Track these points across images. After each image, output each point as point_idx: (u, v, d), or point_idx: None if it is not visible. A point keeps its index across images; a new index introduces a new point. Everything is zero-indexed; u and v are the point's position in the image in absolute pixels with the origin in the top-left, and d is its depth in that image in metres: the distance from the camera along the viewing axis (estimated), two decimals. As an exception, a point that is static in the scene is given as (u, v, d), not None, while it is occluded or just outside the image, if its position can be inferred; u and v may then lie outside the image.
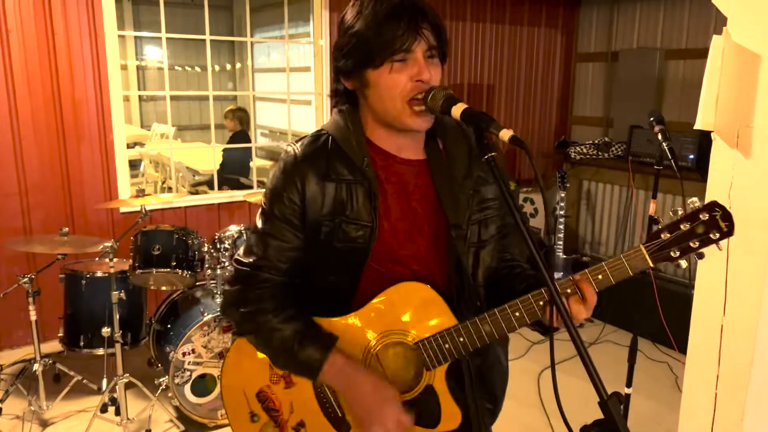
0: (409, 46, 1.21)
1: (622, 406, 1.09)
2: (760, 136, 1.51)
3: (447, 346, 1.27)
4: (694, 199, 1.16)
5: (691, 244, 1.15)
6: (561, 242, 4.66)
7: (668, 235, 1.16)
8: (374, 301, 1.29)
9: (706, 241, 1.15)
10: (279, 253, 1.32)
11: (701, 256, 1.17)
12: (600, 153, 5.17)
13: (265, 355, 1.38)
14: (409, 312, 1.29)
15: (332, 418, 1.35)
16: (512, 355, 3.87)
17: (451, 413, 1.31)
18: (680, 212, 1.17)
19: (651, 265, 1.19)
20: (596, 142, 5.25)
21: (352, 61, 1.26)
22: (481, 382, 1.38)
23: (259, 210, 1.37)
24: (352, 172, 1.29)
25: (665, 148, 2.15)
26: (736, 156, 1.56)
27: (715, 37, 1.56)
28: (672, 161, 2.11)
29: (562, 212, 4.64)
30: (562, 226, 4.65)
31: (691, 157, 4.35)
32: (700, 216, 1.14)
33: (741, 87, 1.53)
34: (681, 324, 2.08)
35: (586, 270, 1.21)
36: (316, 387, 1.36)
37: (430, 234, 1.34)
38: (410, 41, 1.21)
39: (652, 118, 2.25)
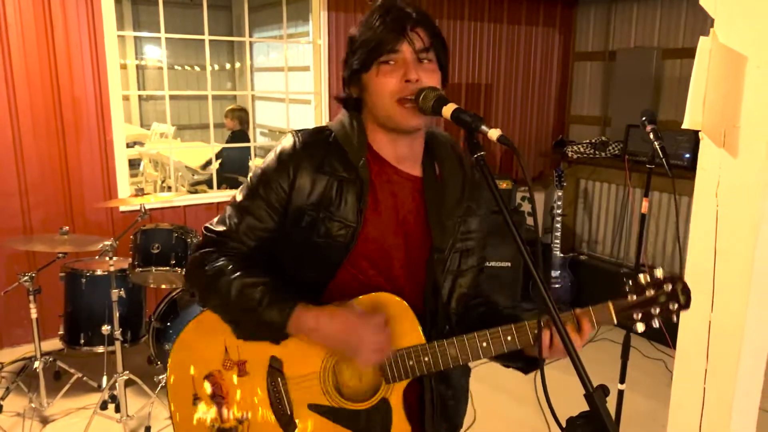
0: (393, 47, 1.24)
1: (607, 399, 1.12)
2: (747, 136, 1.54)
3: (411, 363, 1.27)
4: (660, 269, 1.26)
5: (652, 311, 1.24)
6: (558, 241, 4.69)
7: (634, 297, 1.25)
8: (346, 304, 1.28)
9: (665, 311, 1.24)
10: (250, 230, 1.32)
11: (655, 325, 1.26)
12: (597, 152, 5.19)
13: (222, 338, 1.34)
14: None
15: (280, 415, 1.34)
16: (509, 352, 3.90)
17: (401, 429, 1.31)
18: (649, 276, 1.25)
19: (615, 322, 1.26)
20: (593, 141, 5.27)
21: (351, 69, 1.30)
22: (443, 410, 1.39)
23: (244, 185, 1.37)
24: (347, 169, 1.30)
25: (657, 147, 2.18)
26: (723, 155, 1.59)
27: (702, 38, 1.59)
28: (663, 160, 2.14)
29: (559, 211, 4.66)
30: (559, 225, 4.67)
31: (687, 156, 4.38)
32: (664, 286, 1.24)
33: (728, 87, 1.56)
34: (676, 321, 2.10)
35: (566, 313, 1.26)
36: (269, 381, 1.34)
37: (411, 250, 1.35)
38: (394, 42, 1.24)
39: (644, 118, 2.28)
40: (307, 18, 5.21)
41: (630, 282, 1.27)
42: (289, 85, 5.07)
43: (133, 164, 7.48)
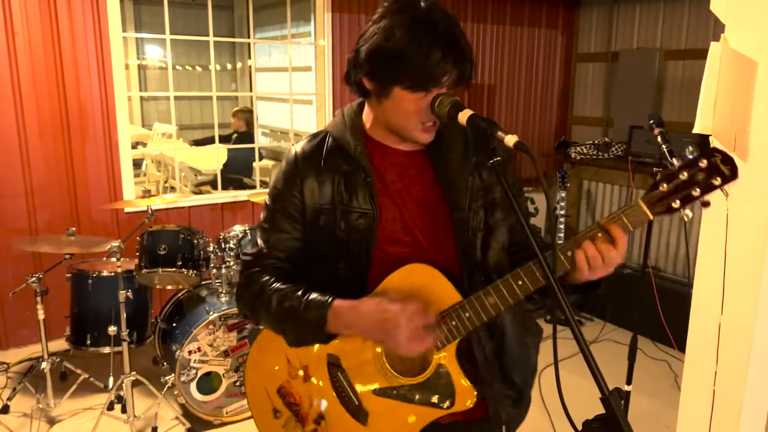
0: (439, 81, 1.25)
1: (622, 402, 1.12)
2: (757, 140, 1.55)
3: (453, 323, 1.28)
4: (691, 147, 1.12)
5: (693, 193, 1.11)
6: (561, 241, 4.68)
7: (666, 186, 1.12)
8: (381, 285, 1.32)
9: (709, 188, 1.10)
10: (279, 242, 1.40)
11: (706, 204, 1.12)
12: (600, 153, 5.20)
13: (283, 351, 1.41)
14: (415, 292, 1.29)
15: (350, 408, 1.38)
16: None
17: (464, 390, 1.31)
18: (677, 162, 1.12)
19: (651, 217, 1.15)
20: (596, 142, 5.29)
21: (384, 73, 1.27)
22: (497, 366, 1.38)
23: (264, 207, 1.45)
24: (348, 163, 1.35)
25: (665, 150, 2.19)
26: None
27: (713, 43, 1.60)
28: (670, 163, 2.14)
29: (562, 212, 4.68)
30: (562, 226, 4.68)
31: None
32: (699, 163, 1.10)
33: (738, 92, 1.57)
34: (680, 323, 2.11)
35: (583, 231, 1.21)
36: (332, 378, 1.38)
37: (433, 218, 1.37)
38: (441, 77, 1.25)
39: (651, 121, 2.29)
40: (309, 18, 5.22)
41: (658, 173, 1.14)
42: (292, 86, 5.07)
43: (136, 164, 7.48)
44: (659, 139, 2.21)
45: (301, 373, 1.41)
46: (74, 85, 3.88)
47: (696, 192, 1.11)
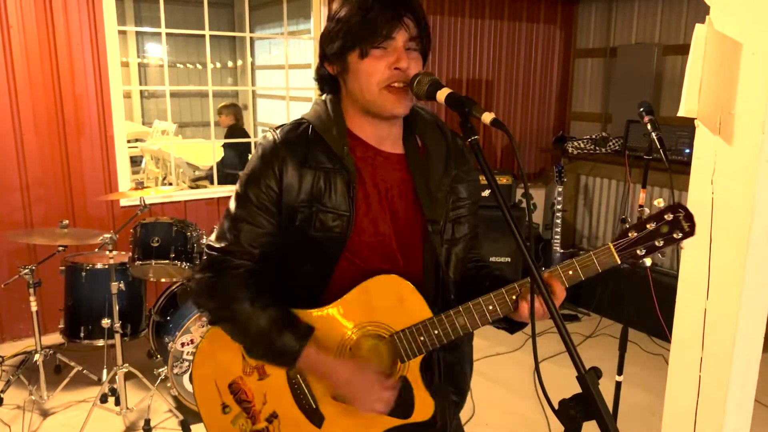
0: (389, 32, 1.23)
1: (607, 392, 1.13)
2: (742, 123, 1.54)
3: (422, 338, 1.29)
4: (660, 200, 1.22)
5: (656, 243, 1.21)
6: (558, 236, 4.69)
7: (635, 233, 1.22)
8: (351, 292, 1.30)
9: (670, 241, 1.21)
10: (251, 238, 1.30)
11: (663, 254, 1.23)
12: (597, 148, 5.19)
13: (239, 346, 1.36)
14: (386, 304, 1.30)
15: (306, 409, 1.36)
16: (509, 347, 3.91)
17: (424, 403, 1.33)
18: (647, 212, 1.23)
19: (618, 262, 1.24)
20: (594, 137, 5.27)
21: (336, 46, 1.27)
22: (449, 376, 1.40)
23: (234, 194, 1.35)
24: (331, 160, 1.29)
25: (654, 138, 2.18)
26: (719, 143, 1.59)
27: (697, 25, 1.59)
28: (661, 150, 2.14)
29: (559, 207, 4.67)
30: (559, 221, 4.67)
31: (687, 151, 4.38)
32: (665, 216, 1.21)
33: (723, 75, 1.56)
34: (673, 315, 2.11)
35: (558, 266, 1.25)
36: (289, 378, 1.36)
37: (404, 228, 1.35)
38: (391, 28, 1.23)
39: (641, 109, 2.28)
40: (308, 15, 5.22)
41: (624, 220, 1.24)
42: (293, 83, 5.07)
43: (135, 161, 7.51)
44: (649, 126, 2.20)
45: (256, 370, 1.37)
46: (69, 78, 3.89)
47: (659, 243, 1.21)
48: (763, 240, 1.58)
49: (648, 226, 1.21)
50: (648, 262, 1.23)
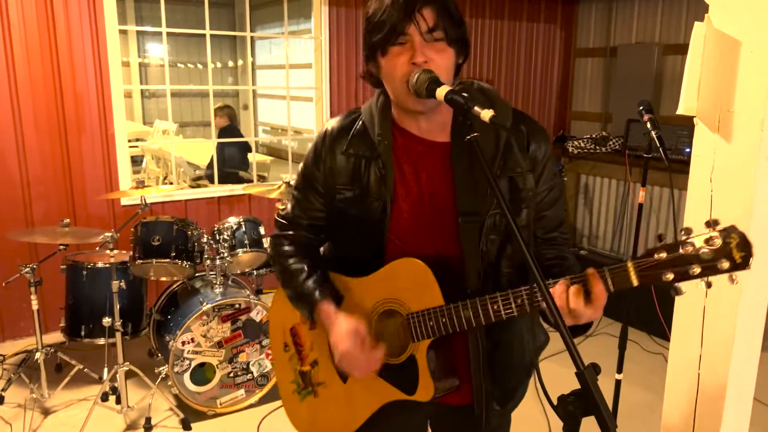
0: (402, 29, 1.25)
1: (608, 391, 1.10)
2: (741, 121, 1.54)
3: (431, 323, 1.33)
4: (717, 218, 0.98)
5: (691, 271, 1.00)
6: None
7: (664, 255, 1.02)
8: (382, 269, 1.39)
9: (711, 270, 0.98)
10: (303, 212, 1.52)
11: (709, 285, 1.02)
12: (597, 147, 5.20)
13: None
14: (406, 286, 1.37)
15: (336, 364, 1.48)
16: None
17: (425, 385, 1.37)
18: (686, 234, 1.00)
19: (635, 284, 1.07)
20: (594, 136, 5.28)
21: (367, 48, 1.34)
22: (488, 366, 1.41)
23: (297, 174, 1.56)
24: (370, 149, 1.38)
25: (654, 136, 2.18)
26: (718, 140, 1.60)
27: (696, 23, 1.60)
28: (661, 149, 2.14)
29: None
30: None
31: (688, 150, 4.38)
32: (711, 240, 0.98)
33: (722, 73, 1.56)
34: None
35: (606, 268, 1.15)
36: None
37: (443, 215, 1.37)
38: (402, 24, 1.24)
39: (641, 107, 2.29)
40: (309, 15, 5.22)
41: (661, 238, 1.03)
42: (292, 83, 5.07)
43: (136, 161, 7.52)
44: (648, 125, 2.21)
45: (309, 321, 1.55)
46: (70, 77, 3.89)
47: (694, 271, 1.00)
48: (762, 237, 1.58)
49: (681, 249, 1.00)
50: (683, 289, 1.02)
